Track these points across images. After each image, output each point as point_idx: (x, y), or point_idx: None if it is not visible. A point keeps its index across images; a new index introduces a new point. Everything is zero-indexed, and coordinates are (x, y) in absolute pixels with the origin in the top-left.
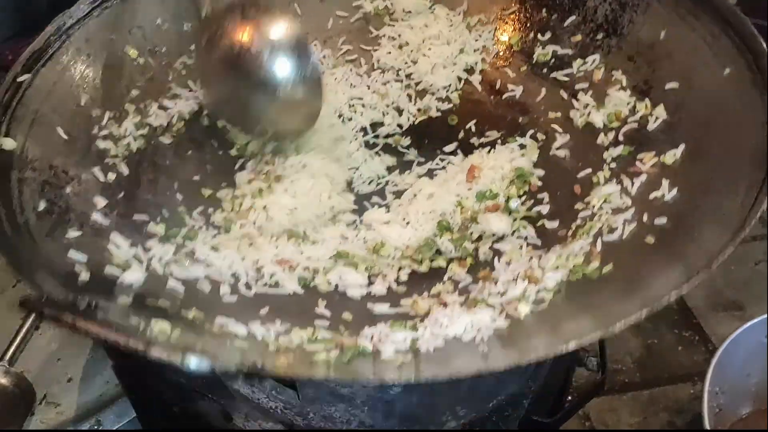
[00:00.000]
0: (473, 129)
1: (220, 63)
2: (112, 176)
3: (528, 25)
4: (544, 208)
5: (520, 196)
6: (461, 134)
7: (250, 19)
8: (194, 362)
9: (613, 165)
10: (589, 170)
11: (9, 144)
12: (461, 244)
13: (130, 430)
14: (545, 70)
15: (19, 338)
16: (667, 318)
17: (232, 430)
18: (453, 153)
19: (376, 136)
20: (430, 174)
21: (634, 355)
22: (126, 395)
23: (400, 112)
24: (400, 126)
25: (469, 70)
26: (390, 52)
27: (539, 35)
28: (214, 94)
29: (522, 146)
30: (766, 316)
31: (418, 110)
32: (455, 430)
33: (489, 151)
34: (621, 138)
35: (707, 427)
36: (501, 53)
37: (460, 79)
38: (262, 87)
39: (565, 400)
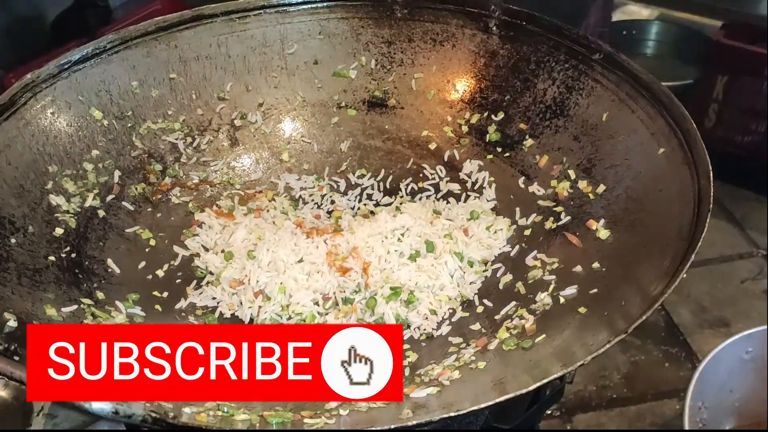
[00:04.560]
0: None
1: None
2: (60, 231)
3: (483, 104)
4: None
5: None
6: None
7: None
8: (97, 404)
9: (550, 240)
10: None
11: None
12: None
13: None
14: (498, 149)
15: None
16: (654, 335)
17: None
18: None
19: None
20: None
21: (621, 370)
22: None
23: None
24: None
25: None
26: None
27: (493, 115)
28: None
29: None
30: (748, 332)
31: None
32: None
33: None
34: (561, 215)
35: None
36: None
37: None
38: None
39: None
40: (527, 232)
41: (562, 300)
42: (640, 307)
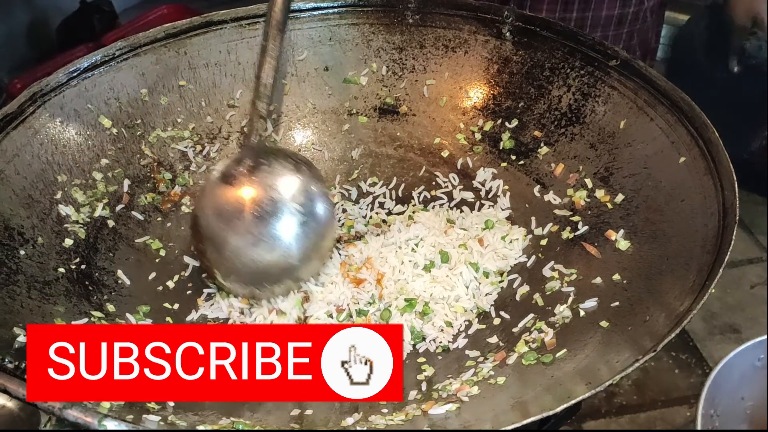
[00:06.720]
0: None
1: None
2: (69, 242)
3: (497, 111)
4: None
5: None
6: None
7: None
8: (112, 426)
9: (567, 250)
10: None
11: None
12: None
13: None
14: (512, 157)
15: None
16: None
17: None
18: None
19: None
20: None
21: (631, 377)
22: None
23: None
24: None
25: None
26: None
27: (506, 123)
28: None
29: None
30: (759, 339)
31: None
32: None
33: None
34: (579, 224)
35: None
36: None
37: None
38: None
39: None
40: (544, 242)
41: (582, 313)
42: (665, 324)
